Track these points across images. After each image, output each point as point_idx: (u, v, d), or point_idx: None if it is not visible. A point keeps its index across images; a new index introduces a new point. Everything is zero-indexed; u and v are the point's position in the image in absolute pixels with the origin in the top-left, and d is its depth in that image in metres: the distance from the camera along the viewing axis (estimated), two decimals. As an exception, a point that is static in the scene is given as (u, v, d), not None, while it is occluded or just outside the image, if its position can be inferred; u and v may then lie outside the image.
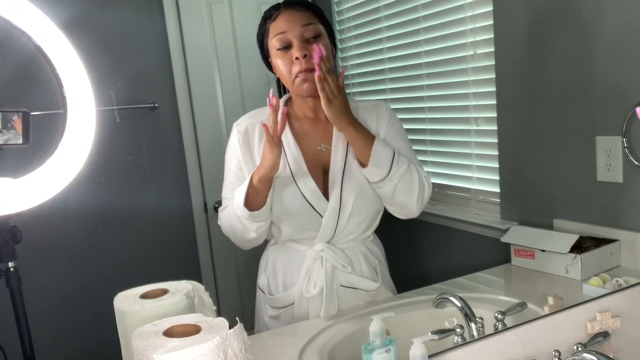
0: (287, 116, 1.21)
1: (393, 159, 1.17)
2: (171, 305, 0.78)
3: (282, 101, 1.25)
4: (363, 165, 1.18)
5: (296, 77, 1.15)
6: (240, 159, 1.21)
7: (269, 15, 1.19)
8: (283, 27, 1.16)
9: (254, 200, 1.14)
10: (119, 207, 1.63)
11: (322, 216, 1.19)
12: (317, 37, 1.17)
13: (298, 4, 1.19)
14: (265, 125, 1.09)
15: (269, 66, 1.24)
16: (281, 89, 1.30)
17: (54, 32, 0.81)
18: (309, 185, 1.19)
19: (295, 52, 1.14)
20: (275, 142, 1.10)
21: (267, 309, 1.28)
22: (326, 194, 1.21)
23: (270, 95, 1.10)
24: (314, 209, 1.19)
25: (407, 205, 1.21)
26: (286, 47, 1.16)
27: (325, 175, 1.22)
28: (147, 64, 1.74)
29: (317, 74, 1.10)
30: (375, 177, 1.18)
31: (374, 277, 1.27)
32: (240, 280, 1.45)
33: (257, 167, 1.14)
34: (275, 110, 1.09)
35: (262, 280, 1.30)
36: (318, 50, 1.09)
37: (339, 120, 1.14)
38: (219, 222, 1.25)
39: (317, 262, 1.22)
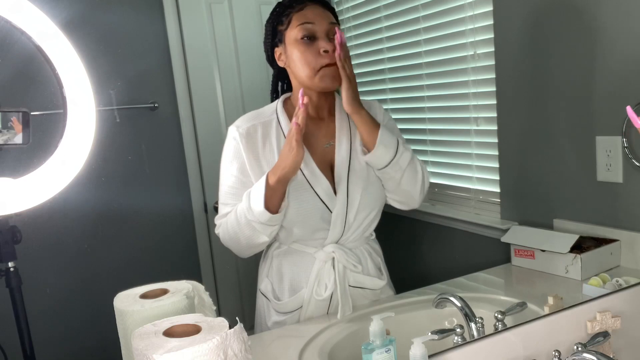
0: (289, 118, 1.21)
1: (398, 142, 1.19)
2: (171, 305, 0.78)
3: (280, 101, 1.25)
4: (369, 149, 1.18)
5: (321, 68, 1.15)
6: (244, 161, 1.19)
7: (291, 5, 1.19)
8: (311, 19, 1.17)
9: (271, 203, 1.12)
10: (119, 207, 1.63)
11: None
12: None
13: (322, 2, 1.20)
14: (297, 125, 1.08)
15: (272, 58, 1.23)
16: (278, 88, 1.30)
17: (54, 32, 0.81)
18: (322, 185, 1.19)
19: (325, 45, 1.16)
20: (301, 141, 1.09)
21: (272, 315, 1.26)
22: (335, 191, 1.20)
23: (301, 93, 1.10)
24: (327, 207, 1.19)
25: (412, 193, 1.23)
26: (310, 37, 1.16)
27: (332, 173, 1.22)
28: (147, 64, 1.74)
29: (337, 52, 1.13)
30: (383, 159, 1.18)
31: (379, 276, 1.28)
32: (240, 280, 1.46)
33: (275, 167, 1.11)
34: (306, 109, 1.09)
35: (265, 285, 1.28)
36: (340, 34, 1.14)
37: (354, 102, 1.16)
38: (218, 231, 1.22)
39: (327, 263, 1.21)
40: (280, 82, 1.28)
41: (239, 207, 1.16)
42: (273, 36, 1.21)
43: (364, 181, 1.21)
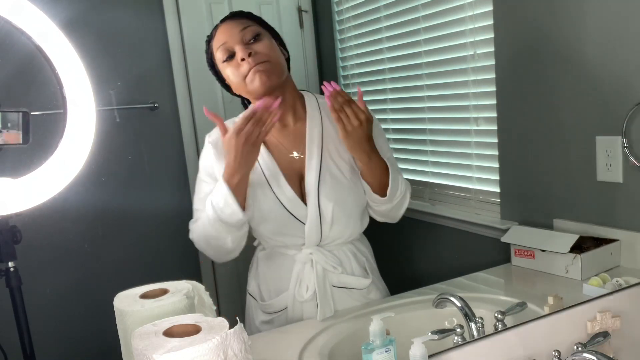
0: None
1: (399, 185, 1.20)
2: (171, 305, 0.78)
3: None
4: (379, 194, 1.19)
5: (246, 76, 1.14)
6: (214, 170, 1.19)
7: (209, 38, 1.21)
8: (222, 39, 1.16)
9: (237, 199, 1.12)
10: (118, 207, 1.63)
11: (302, 223, 1.19)
12: (257, 36, 1.16)
13: (233, 16, 1.19)
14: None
15: (229, 88, 1.23)
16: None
17: (54, 32, 0.81)
18: (286, 193, 1.18)
19: (239, 54, 1.14)
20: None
21: (259, 315, 1.27)
22: (305, 201, 1.19)
23: (276, 103, 1.10)
24: (294, 216, 1.18)
25: (395, 217, 1.27)
26: (230, 56, 1.16)
27: (301, 183, 1.21)
28: (147, 64, 1.74)
29: (329, 104, 1.11)
30: (383, 205, 1.21)
31: (364, 275, 1.27)
32: (240, 280, 1.45)
33: (232, 169, 1.09)
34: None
35: (252, 286, 1.29)
36: (331, 84, 1.11)
37: (355, 151, 1.16)
38: (191, 236, 1.21)
39: (307, 265, 1.21)
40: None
41: (204, 211, 1.15)
42: (217, 76, 1.22)
43: (336, 193, 1.19)
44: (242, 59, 1.13)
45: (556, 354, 1.01)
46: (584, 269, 1.23)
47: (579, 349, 0.98)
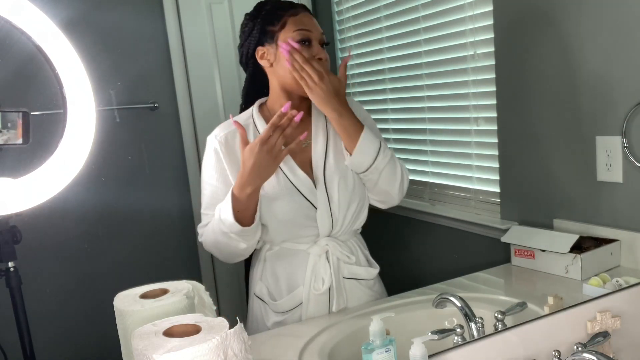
0: (266, 122, 1.21)
1: (380, 148, 1.19)
2: (171, 305, 0.78)
3: (256, 107, 1.25)
4: (349, 153, 1.20)
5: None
6: (225, 170, 1.19)
7: (283, 8, 1.20)
8: (308, 25, 1.19)
9: (244, 215, 1.12)
10: (119, 207, 1.63)
11: (316, 209, 1.20)
12: (326, 44, 1.22)
13: (311, 12, 1.24)
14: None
15: (250, 57, 1.22)
16: (252, 91, 1.29)
17: (54, 32, 0.81)
18: (304, 183, 1.20)
19: (319, 52, 1.18)
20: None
21: (270, 316, 1.26)
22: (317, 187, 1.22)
23: (286, 107, 1.09)
24: (309, 201, 1.20)
25: (390, 193, 1.24)
26: (304, 41, 1.17)
27: (312, 169, 1.23)
28: (147, 64, 1.74)
29: (288, 64, 1.14)
30: (360, 166, 1.20)
31: (370, 265, 1.29)
32: (240, 279, 1.46)
33: (245, 180, 1.09)
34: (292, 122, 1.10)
35: (259, 288, 1.28)
36: (287, 45, 1.15)
37: (323, 106, 1.17)
38: (200, 239, 1.22)
39: (322, 257, 1.22)
40: (255, 86, 1.27)
41: (214, 218, 1.16)
42: (261, 34, 1.20)
43: (339, 175, 1.21)
44: (320, 58, 1.17)
45: (556, 354, 1.01)
46: (584, 269, 1.23)
47: (579, 349, 0.98)
